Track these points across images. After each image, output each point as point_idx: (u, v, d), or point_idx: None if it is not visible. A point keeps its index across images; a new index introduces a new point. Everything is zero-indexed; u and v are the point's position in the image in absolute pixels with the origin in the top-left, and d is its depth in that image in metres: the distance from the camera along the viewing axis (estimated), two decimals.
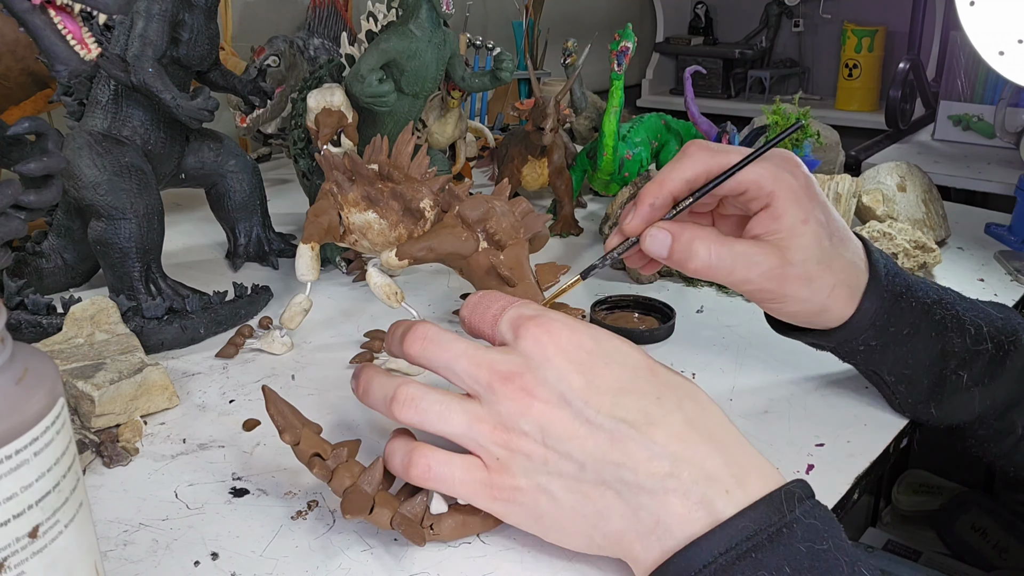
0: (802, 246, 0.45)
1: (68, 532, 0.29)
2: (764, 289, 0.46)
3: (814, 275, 0.46)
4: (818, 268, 0.46)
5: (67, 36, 0.65)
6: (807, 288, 0.46)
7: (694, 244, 0.45)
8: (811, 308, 0.48)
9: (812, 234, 0.45)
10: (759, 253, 0.45)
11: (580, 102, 1.07)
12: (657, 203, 0.46)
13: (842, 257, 0.47)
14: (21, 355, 0.28)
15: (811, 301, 0.47)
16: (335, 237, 0.60)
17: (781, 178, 0.45)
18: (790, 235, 0.45)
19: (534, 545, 0.42)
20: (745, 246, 0.46)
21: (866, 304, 0.48)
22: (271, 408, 0.42)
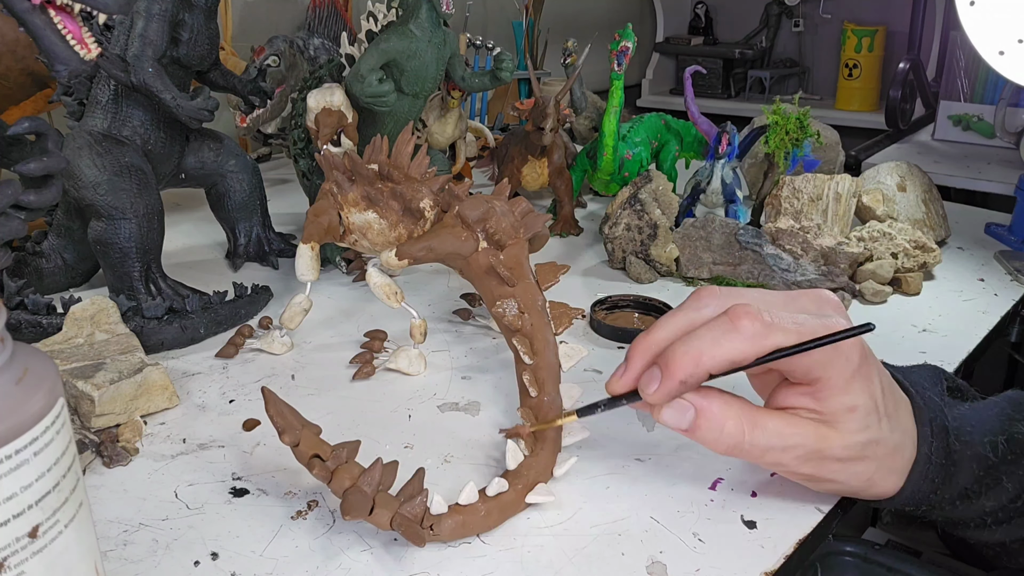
0: (845, 433, 0.40)
1: (68, 532, 0.29)
2: (798, 472, 0.42)
3: (854, 458, 0.41)
4: (859, 457, 0.41)
5: (67, 36, 0.65)
6: (844, 472, 0.42)
7: (727, 424, 0.39)
8: (847, 491, 0.44)
9: (859, 422, 0.40)
10: (796, 434, 0.40)
11: (580, 102, 1.07)
12: (689, 382, 0.39)
13: (890, 439, 0.42)
14: (21, 355, 0.28)
15: (848, 485, 0.43)
16: (335, 237, 0.60)
17: (832, 363, 0.39)
18: (833, 420, 0.40)
19: (534, 545, 0.42)
20: (781, 425, 0.40)
21: (908, 487, 0.44)
22: (271, 409, 0.42)
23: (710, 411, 0.40)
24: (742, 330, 0.38)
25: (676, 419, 0.40)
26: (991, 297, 0.75)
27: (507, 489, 0.44)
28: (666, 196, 0.80)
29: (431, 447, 0.51)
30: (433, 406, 0.57)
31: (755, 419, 0.40)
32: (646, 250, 0.78)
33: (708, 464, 0.50)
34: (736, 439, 0.40)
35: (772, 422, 0.40)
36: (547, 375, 0.49)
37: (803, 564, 0.44)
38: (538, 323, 0.51)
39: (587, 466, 0.49)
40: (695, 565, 0.41)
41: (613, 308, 0.71)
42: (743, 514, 0.45)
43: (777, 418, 0.41)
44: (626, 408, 0.56)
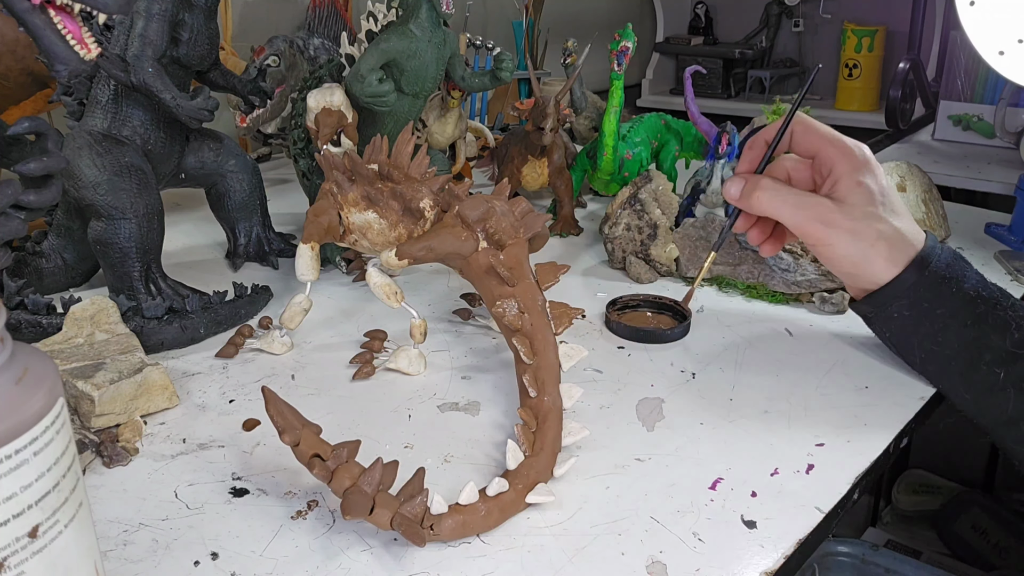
0: (852, 201, 0.53)
1: (68, 532, 0.29)
2: (812, 232, 0.54)
3: (860, 229, 0.53)
4: (864, 223, 0.53)
5: (67, 36, 0.65)
6: (850, 238, 0.54)
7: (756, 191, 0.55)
8: (854, 254, 0.54)
9: (863, 194, 0.53)
10: (810, 199, 0.55)
11: (580, 102, 1.07)
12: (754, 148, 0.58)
13: (890, 222, 0.54)
14: (21, 355, 0.28)
15: (854, 247, 0.54)
16: (335, 237, 0.60)
17: (847, 152, 0.55)
18: (844, 190, 0.54)
19: (534, 545, 0.42)
20: (799, 193, 0.55)
21: (907, 274, 0.54)
22: (271, 409, 0.42)
23: (750, 182, 0.56)
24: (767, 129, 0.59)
25: (734, 189, 0.57)
26: None
27: (507, 489, 0.44)
28: (666, 196, 0.80)
29: (431, 447, 0.51)
30: (433, 406, 0.57)
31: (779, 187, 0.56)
32: (646, 250, 0.78)
33: (708, 464, 0.50)
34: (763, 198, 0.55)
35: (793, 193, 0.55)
36: (547, 375, 0.49)
37: (805, 559, 0.44)
38: (538, 323, 0.51)
39: (587, 466, 0.49)
40: (695, 565, 0.41)
41: (626, 308, 0.71)
42: (743, 514, 0.45)
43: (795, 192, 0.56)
44: (626, 408, 0.56)
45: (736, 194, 0.57)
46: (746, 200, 0.56)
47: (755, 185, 0.56)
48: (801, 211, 0.54)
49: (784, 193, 0.55)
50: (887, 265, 0.55)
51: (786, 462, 0.50)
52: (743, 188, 0.56)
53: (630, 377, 0.60)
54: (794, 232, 0.56)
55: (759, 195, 0.55)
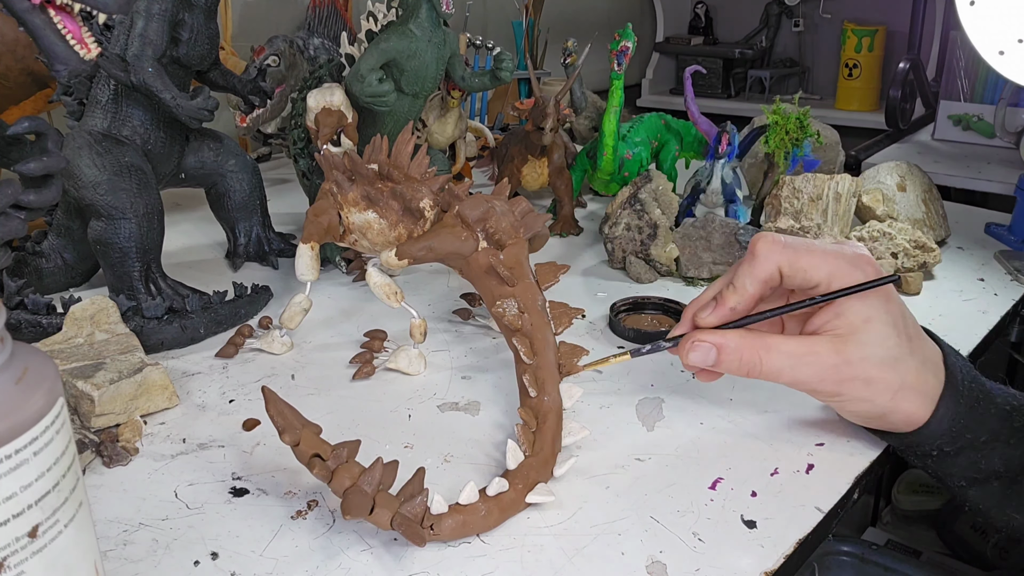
0: (862, 344, 0.44)
1: (68, 532, 0.29)
2: (819, 390, 0.45)
3: (875, 377, 0.44)
4: (879, 370, 0.44)
5: (67, 36, 0.65)
6: (866, 389, 0.45)
7: (743, 355, 0.45)
8: (871, 410, 0.46)
9: (876, 334, 0.44)
10: (811, 352, 0.44)
11: (580, 102, 1.07)
12: (739, 308, 0.46)
13: (911, 360, 0.45)
14: (21, 355, 0.28)
15: (871, 403, 0.45)
16: (335, 237, 0.60)
17: (852, 276, 0.44)
18: (850, 332, 0.44)
19: (534, 545, 0.42)
20: (795, 345, 0.45)
21: (942, 411, 0.46)
22: (271, 409, 0.42)
23: (727, 346, 0.45)
24: (758, 253, 0.45)
25: (701, 358, 0.46)
26: (991, 297, 0.75)
27: (507, 489, 0.44)
28: (666, 196, 0.80)
29: (431, 447, 0.51)
30: (433, 406, 0.57)
31: (770, 344, 0.45)
32: (646, 250, 0.78)
33: (708, 464, 0.50)
34: (753, 364, 0.45)
35: (787, 344, 0.45)
36: (547, 375, 0.49)
37: (805, 559, 0.44)
38: (538, 323, 0.51)
39: (587, 466, 0.49)
40: (695, 565, 0.41)
41: (632, 310, 0.71)
42: (743, 514, 0.45)
43: (793, 340, 0.45)
44: (626, 408, 0.56)
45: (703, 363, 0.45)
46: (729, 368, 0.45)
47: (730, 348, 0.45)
48: (802, 371, 0.44)
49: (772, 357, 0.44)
50: (914, 408, 0.46)
51: (786, 462, 0.50)
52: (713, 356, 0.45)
53: (630, 377, 0.60)
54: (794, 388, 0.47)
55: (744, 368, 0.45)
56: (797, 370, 0.44)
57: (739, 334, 0.45)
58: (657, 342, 0.49)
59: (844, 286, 0.44)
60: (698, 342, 0.45)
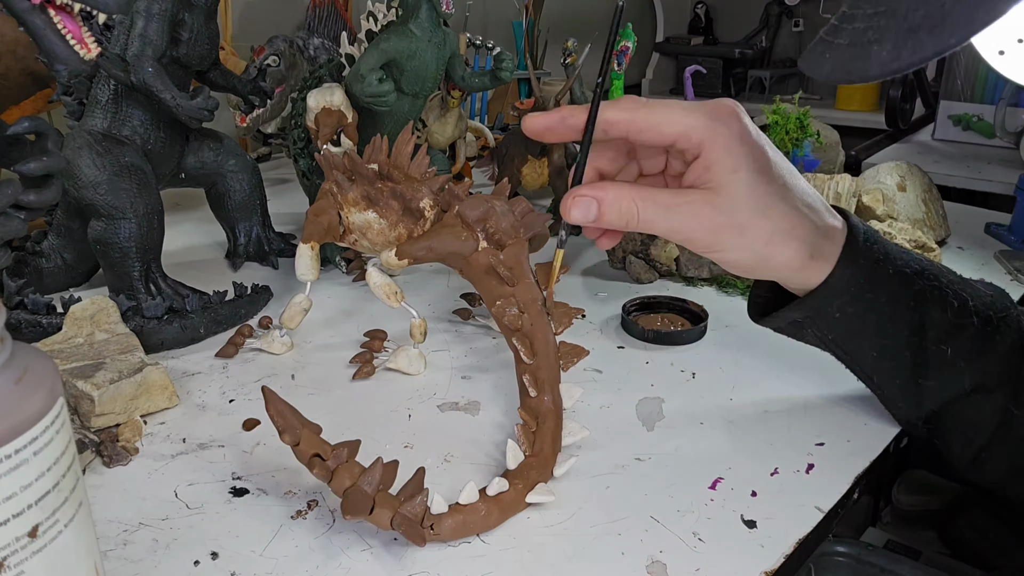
0: (731, 195, 0.43)
1: (68, 532, 0.29)
2: (692, 239, 0.45)
3: (747, 225, 0.44)
4: (751, 217, 0.44)
5: (67, 36, 0.65)
6: (741, 238, 0.44)
7: (621, 204, 0.44)
8: (748, 257, 0.46)
9: (744, 183, 0.43)
10: (684, 203, 0.44)
11: (580, 102, 1.07)
12: (570, 120, 0.46)
13: (781, 206, 0.45)
14: (21, 355, 0.28)
15: (748, 251, 0.45)
16: (335, 237, 0.60)
17: (713, 128, 0.43)
18: (719, 184, 0.44)
19: (534, 545, 0.42)
20: (670, 197, 0.44)
21: (841, 267, 0.47)
22: (271, 409, 0.42)
23: (606, 198, 0.44)
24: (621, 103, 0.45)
25: (583, 214, 0.45)
26: None
27: (507, 489, 0.44)
28: None
29: (431, 447, 0.51)
30: (433, 406, 0.57)
31: (647, 195, 0.44)
32: (646, 250, 0.78)
33: (708, 464, 0.50)
34: (631, 214, 0.44)
35: (662, 195, 0.44)
36: (547, 375, 0.49)
37: (805, 559, 0.44)
38: (538, 323, 0.51)
39: (587, 466, 0.49)
40: (695, 565, 0.41)
41: (640, 310, 0.71)
42: (743, 514, 0.45)
43: (668, 192, 0.45)
44: (626, 409, 0.56)
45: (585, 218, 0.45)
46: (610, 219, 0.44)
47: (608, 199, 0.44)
48: (676, 220, 0.44)
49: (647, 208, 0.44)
50: (793, 255, 0.46)
51: (786, 462, 0.50)
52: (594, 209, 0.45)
53: (630, 377, 0.60)
54: (669, 239, 0.47)
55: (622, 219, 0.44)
56: (672, 219, 0.44)
57: (617, 185, 0.45)
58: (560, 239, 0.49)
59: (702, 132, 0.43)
60: (578, 197, 0.45)
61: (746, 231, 0.44)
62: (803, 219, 0.46)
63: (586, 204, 0.45)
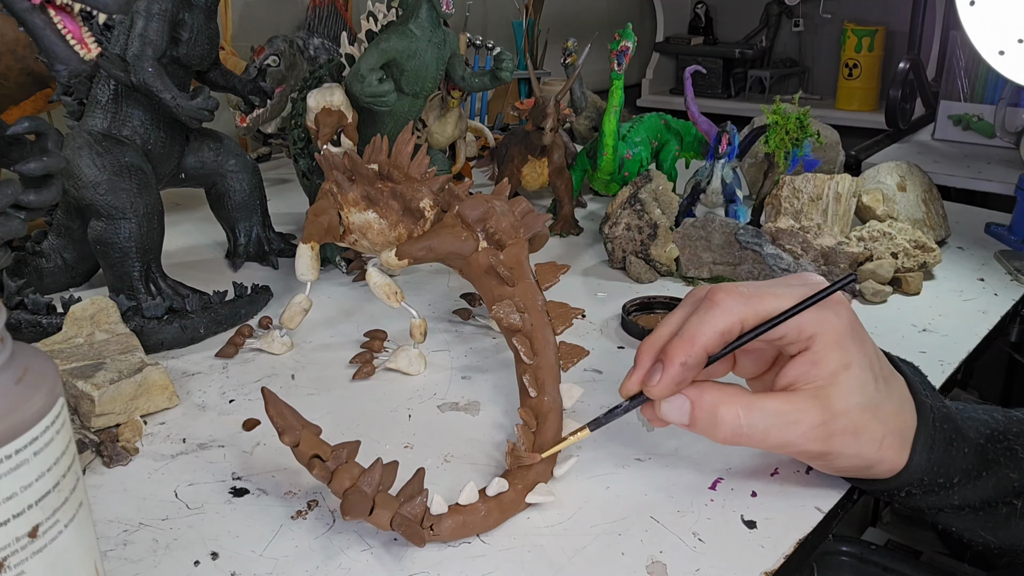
0: (845, 394, 0.40)
1: (68, 532, 0.29)
2: (807, 451, 0.41)
3: (861, 427, 0.41)
4: (864, 418, 0.41)
5: (67, 36, 0.65)
6: (855, 442, 0.41)
7: (719, 410, 0.40)
8: (861, 464, 0.43)
9: (856, 380, 0.40)
10: (796, 410, 0.40)
11: (580, 102, 1.07)
12: (690, 362, 0.40)
13: (890, 403, 0.42)
14: (21, 355, 0.28)
15: (860, 456, 0.42)
16: (335, 237, 0.60)
17: (824, 319, 0.40)
18: (831, 383, 0.40)
19: (534, 545, 0.42)
20: (779, 403, 0.40)
21: (917, 457, 0.43)
22: (271, 409, 0.42)
23: (703, 400, 0.41)
24: (720, 303, 0.41)
25: (674, 413, 0.41)
26: (991, 297, 0.75)
27: (507, 489, 0.44)
28: (666, 196, 0.80)
29: (431, 447, 0.51)
30: (433, 406, 0.57)
31: (751, 402, 0.40)
32: (646, 250, 0.78)
33: (708, 464, 0.50)
34: (733, 424, 0.40)
35: (769, 402, 0.41)
36: (547, 375, 0.49)
37: (805, 559, 0.44)
38: (538, 323, 0.51)
39: (587, 466, 0.49)
40: (695, 565, 0.41)
41: (640, 309, 0.71)
42: (743, 514, 0.45)
43: (774, 397, 0.41)
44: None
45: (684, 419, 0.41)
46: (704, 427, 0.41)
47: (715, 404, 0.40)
48: (789, 431, 0.40)
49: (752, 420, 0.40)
50: (897, 454, 0.43)
51: (786, 462, 0.50)
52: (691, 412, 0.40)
53: None
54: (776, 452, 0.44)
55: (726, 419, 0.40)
56: (785, 429, 0.40)
57: (716, 387, 0.41)
58: (614, 409, 0.44)
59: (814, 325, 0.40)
60: (671, 399, 0.41)
61: (860, 434, 0.41)
62: (905, 415, 0.43)
63: (679, 405, 0.41)
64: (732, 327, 0.41)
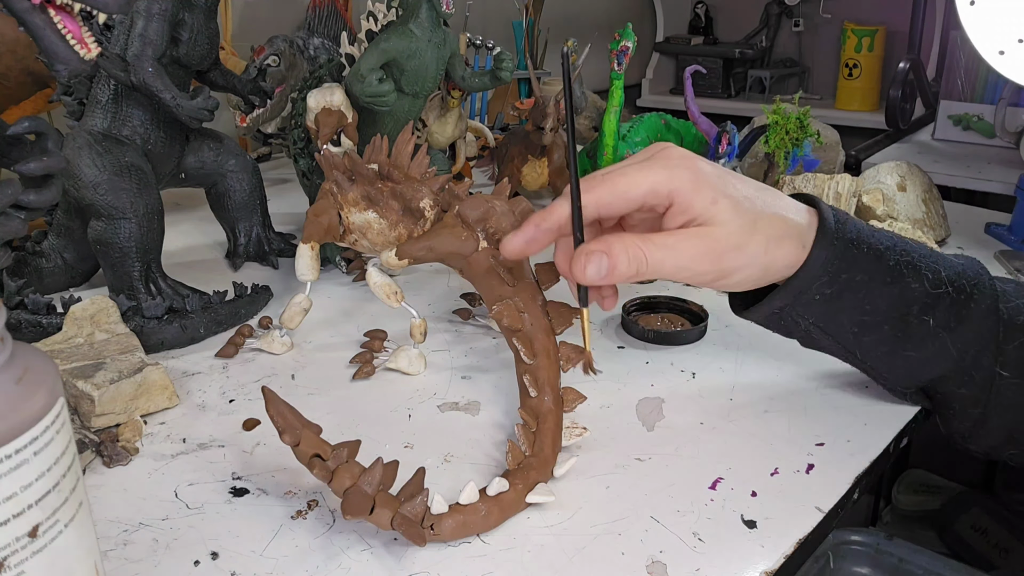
0: (721, 222, 0.45)
1: (68, 532, 0.29)
2: (701, 272, 0.46)
3: (744, 242, 0.45)
4: (744, 235, 0.45)
5: (67, 36, 0.65)
6: (741, 255, 0.46)
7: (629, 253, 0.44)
8: (754, 271, 0.47)
9: (725, 208, 0.45)
10: (684, 239, 0.45)
11: (580, 102, 1.07)
12: (543, 225, 0.47)
13: (767, 214, 0.47)
14: (21, 355, 0.28)
15: (751, 264, 0.46)
16: (335, 237, 0.60)
17: (674, 175, 0.45)
18: (705, 218, 0.45)
19: (534, 545, 0.42)
20: (669, 237, 0.45)
21: (816, 251, 0.48)
22: (271, 409, 0.42)
23: (613, 249, 0.44)
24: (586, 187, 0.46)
25: (597, 269, 0.45)
26: None
27: (507, 489, 0.44)
28: None
29: (431, 447, 0.51)
30: (433, 406, 0.57)
31: (649, 239, 0.45)
32: None
33: (708, 464, 0.50)
34: (640, 260, 0.44)
35: (662, 237, 0.45)
36: (547, 375, 0.49)
37: (805, 559, 0.44)
38: (538, 323, 0.51)
39: (587, 466, 0.49)
40: (695, 565, 0.41)
41: (640, 309, 0.71)
42: (743, 514, 0.45)
43: (666, 234, 0.46)
44: (626, 408, 0.56)
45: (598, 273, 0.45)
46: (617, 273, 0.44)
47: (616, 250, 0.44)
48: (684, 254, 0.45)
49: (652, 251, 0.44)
50: (789, 255, 0.47)
51: (786, 462, 0.50)
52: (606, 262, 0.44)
53: (630, 377, 0.60)
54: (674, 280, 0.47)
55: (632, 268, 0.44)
56: (679, 256, 0.45)
57: (617, 236, 0.45)
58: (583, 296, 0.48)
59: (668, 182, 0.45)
60: (587, 254, 0.45)
61: (745, 248, 0.46)
62: (785, 219, 0.47)
63: (598, 258, 0.45)
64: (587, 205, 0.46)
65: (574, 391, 0.51)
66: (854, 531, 0.64)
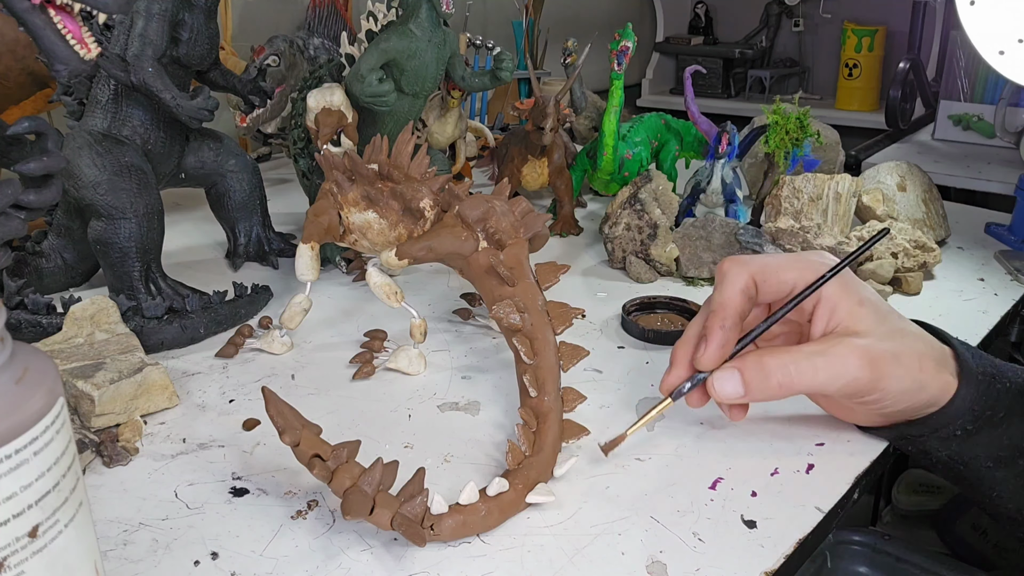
0: (871, 323, 0.43)
1: (68, 532, 0.29)
2: (858, 381, 0.43)
3: (897, 349, 0.43)
4: (896, 340, 0.43)
5: (67, 36, 0.65)
6: (898, 365, 0.43)
7: (766, 361, 0.43)
8: (910, 386, 0.44)
9: (874, 309, 0.44)
10: (835, 346, 0.43)
11: (580, 102, 1.07)
12: (727, 324, 0.45)
13: (909, 329, 0.45)
14: (21, 355, 0.28)
15: (907, 378, 0.44)
16: (335, 237, 0.60)
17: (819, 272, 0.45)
18: (855, 319, 0.43)
19: (534, 545, 0.42)
20: (818, 345, 0.43)
21: (963, 389, 0.45)
22: (271, 409, 0.42)
23: (747, 361, 0.44)
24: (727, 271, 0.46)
25: (728, 384, 0.44)
26: (991, 297, 0.75)
27: (507, 489, 0.44)
28: (666, 196, 0.80)
29: (431, 447, 0.51)
30: (433, 406, 0.57)
31: (793, 349, 0.44)
32: (646, 250, 0.78)
33: (708, 464, 0.50)
34: (782, 370, 0.43)
35: (809, 346, 0.44)
36: (547, 375, 0.49)
37: (805, 559, 0.44)
38: (538, 323, 0.51)
39: (587, 466, 0.49)
40: (695, 565, 0.41)
41: (640, 309, 0.71)
42: (743, 514, 0.45)
43: (812, 344, 0.44)
44: (626, 408, 0.56)
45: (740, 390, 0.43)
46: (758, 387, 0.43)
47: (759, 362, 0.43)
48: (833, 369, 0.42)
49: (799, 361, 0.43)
50: (937, 378, 0.45)
51: (786, 462, 0.50)
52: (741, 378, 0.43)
53: (630, 377, 0.60)
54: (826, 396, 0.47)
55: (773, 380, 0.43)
56: (831, 364, 0.42)
57: (755, 352, 0.44)
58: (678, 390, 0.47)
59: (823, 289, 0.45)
60: (719, 372, 0.44)
61: (900, 356, 0.43)
62: (928, 340, 0.46)
63: (730, 376, 0.44)
64: (747, 284, 0.45)
65: (574, 391, 0.51)
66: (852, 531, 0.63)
